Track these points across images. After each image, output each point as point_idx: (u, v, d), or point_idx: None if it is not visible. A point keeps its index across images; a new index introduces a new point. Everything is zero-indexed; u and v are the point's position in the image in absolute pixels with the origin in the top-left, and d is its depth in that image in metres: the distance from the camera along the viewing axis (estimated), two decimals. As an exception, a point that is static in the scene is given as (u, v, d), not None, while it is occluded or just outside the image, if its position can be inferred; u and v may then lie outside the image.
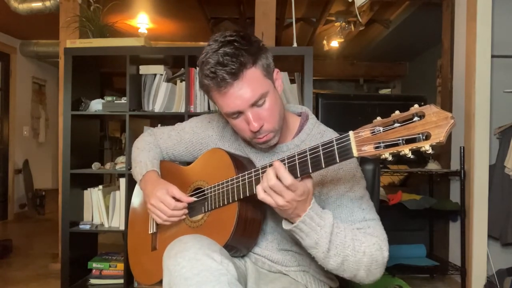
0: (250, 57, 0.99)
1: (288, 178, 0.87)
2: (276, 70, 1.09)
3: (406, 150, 0.75)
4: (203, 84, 1.04)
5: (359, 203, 1.05)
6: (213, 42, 1.02)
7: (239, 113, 1.03)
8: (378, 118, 0.79)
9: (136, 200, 1.39)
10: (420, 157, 2.88)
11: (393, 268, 2.69)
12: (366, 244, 0.97)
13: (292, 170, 0.90)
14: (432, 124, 0.72)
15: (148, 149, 1.31)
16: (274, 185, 0.88)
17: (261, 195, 0.91)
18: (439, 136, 0.71)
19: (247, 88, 1.00)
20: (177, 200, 1.13)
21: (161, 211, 1.12)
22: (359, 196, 1.06)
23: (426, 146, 0.73)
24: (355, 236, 0.97)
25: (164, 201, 1.11)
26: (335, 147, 0.84)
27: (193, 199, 1.14)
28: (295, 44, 2.48)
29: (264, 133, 1.05)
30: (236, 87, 0.99)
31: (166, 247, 0.99)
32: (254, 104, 1.01)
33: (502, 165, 2.65)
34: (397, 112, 0.78)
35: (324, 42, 5.40)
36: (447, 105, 3.08)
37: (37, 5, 3.47)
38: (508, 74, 2.81)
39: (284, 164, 0.91)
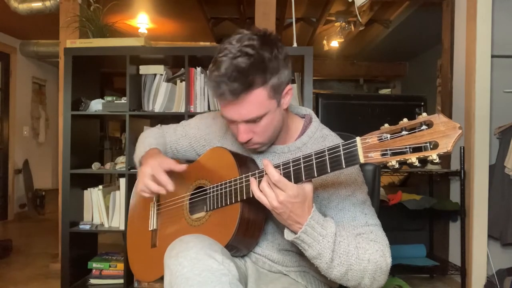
0: (262, 77, 0.97)
1: (275, 174, 0.88)
2: (289, 86, 1.05)
3: (413, 159, 0.74)
4: (207, 83, 1.03)
5: (361, 207, 1.04)
6: (235, 43, 0.99)
7: (232, 121, 1.04)
8: (386, 125, 0.79)
9: (135, 197, 1.39)
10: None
11: (393, 268, 2.67)
12: (370, 251, 0.95)
13: (297, 173, 0.90)
14: (440, 134, 0.72)
15: (154, 137, 1.32)
16: (265, 185, 0.90)
17: (257, 193, 0.92)
18: (446, 146, 0.72)
19: (245, 108, 0.99)
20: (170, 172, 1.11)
21: (144, 175, 1.10)
22: (361, 200, 1.05)
23: (433, 156, 0.72)
24: (359, 244, 0.95)
25: (151, 166, 1.09)
26: (342, 152, 0.83)
27: (184, 166, 1.12)
28: (295, 44, 2.48)
29: (253, 143, 1.07)
30: (234, 104, 0.99)
31: (166, 244, 0.99)
32: (248, 121, 1.02)
33: (502, 165, 2.65)
34: (405, 119, 0.78)
35: (324, 42, 5.40)
36: (447, 105, 3.08)
37: (37, 5, 3.46)
38: (508, 74, 2.81)
39: (289, 166, 0.91)
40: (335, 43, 5.38)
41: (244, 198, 1.01)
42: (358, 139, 0.81)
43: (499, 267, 2.65)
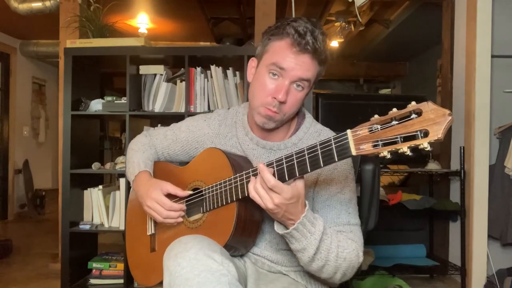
0: (324, 56, 1.05)
1: (271, 179, 0.88)
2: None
3: (404, 148, 0.74)
4: (282, 32, 1.04)
5: (347, 206, 1.07)
6: (306, 19, 1.04)
7: (281, 74, 1.04)
8: (376, 116, 0.79)
9: (132, 201, 1.37)
10: (420, 157, 2.88)
11: (393, 268, 2.69)
12: (347, 250, 1.00)
13: (290, 170, 0.90)
14: (430, 122, 0.72)
15: (142, 150, 1.30)
16: (259, 187, 0.90)
17: (252, 193, 0.92)
18: (437, 133, 0.71)
19: (308, 67, 1.04)
20: (174, 197, 1.13)
21: (157, 212, 1.12)
22: (348, 199, 1.08)
23: (424, 144, 0.72)
24: (340, 242, 0.99)
25: (159, 201, 1.11)
26: (333, 146, 0.84)
27: (188, 192, 1.14)
28: (295, 44, 2.47)
29: (278, 109, 1.06)
30: (305, 59, 1.03)
31: (165, 248, 0.98)
32: (296, 82, 1.04)
33: (502, 165, 2.65)
34: (394, 109, 0.78)
35: (324, 42, 5.39)
36: (447, 105, 3.08)
37: (37, 5, 3.46)
38: (508, 74, 2.81)
39: (282, 163, 0.91)
40: (335, 43, 5.38)
41: (240, 197, 1.01)
42: (349, 131, 0.82)
43: (499, 267, 2.65)
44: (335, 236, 0.99)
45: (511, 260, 2.74)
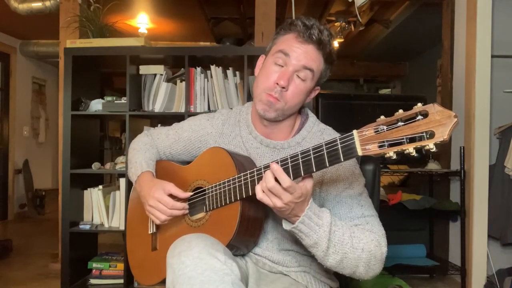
0: (327, 51, 1.10)
1: (286, 180, 0.87)
2: (318, 87, 1.17)
3: (410, 149, 0.75)
4: (290, 26, 1.10)
5: (358, 199, 1.06)
6: (312, 19, 1.11)
7: (285, 63, 1.08)
8: (382, 117, 0.80)
9: (134, 200, 1.37)
10: (420, 157, 2.89)
11: (393, 268, 2.69)
12: (364, 241, 0.98)
13: (295, 169, 0.90)
14: (436, 123, 0.73)
15: (144, 150, 1.30)
16: (273, 187, 0.88)
17: (260, 195, 0.91)
18: (443, 134, 0.72)
19: (312, 56, 1.08)
20: (174, 197, 1.13)
21: (160, 211, 1.12)
22: (358, 192, 1.07)
23: (430, 145, 0.73)
24: (353, 234, 0.98)
25: (162, 201, 1.11)
26: (339, 146, 0.84)
27: (190, 193, 1.14)
28: (295, 44, 2.47)
29: (279, 96, 1.08)
30: (309, 48, 1.08)
31: (166, 247, 0.98)
32: (299, 71, 1.08)
33: (502, 165, 2.65)
34: (400, 111, 0.78)
35: (324, 42, 5.39)
36: (447, 105, 3.08)
37: (37, 5, 3.46)
38: (508, 74, 2.81)
39: (287, 163, 0.91)
40: (335, 43, 5.39)
41: (244, 196, 1.01)
42: (355, 132, 0.82)
43: (499, 267, 2.65)
44: (347, 228, 0.98)
45: (511, 260, 2.74)
